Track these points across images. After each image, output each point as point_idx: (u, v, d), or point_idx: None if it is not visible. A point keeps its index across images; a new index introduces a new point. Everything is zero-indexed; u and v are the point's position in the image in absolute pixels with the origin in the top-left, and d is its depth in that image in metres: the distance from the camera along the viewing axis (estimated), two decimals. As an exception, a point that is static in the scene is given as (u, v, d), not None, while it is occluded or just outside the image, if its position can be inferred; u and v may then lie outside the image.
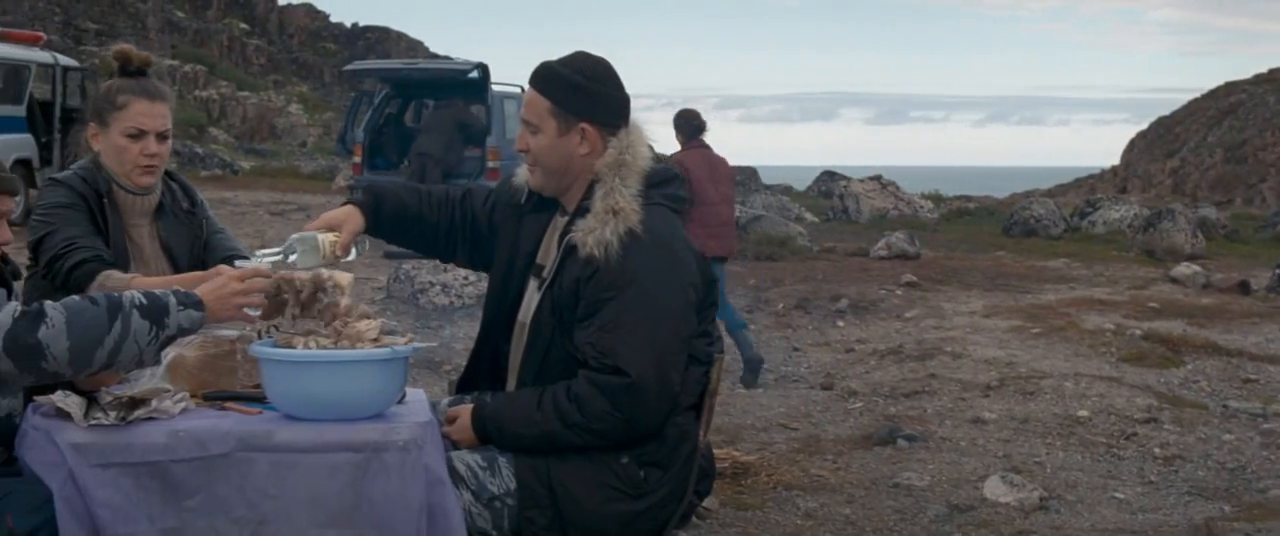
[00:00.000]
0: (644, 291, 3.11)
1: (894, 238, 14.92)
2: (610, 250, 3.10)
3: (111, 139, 3.76)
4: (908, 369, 8.47)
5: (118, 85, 3.77)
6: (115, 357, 2.90)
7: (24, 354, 2.80)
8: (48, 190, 3.76)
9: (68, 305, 2.85)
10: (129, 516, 2.88)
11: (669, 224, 3.24)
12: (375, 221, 3.51)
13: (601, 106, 3.26)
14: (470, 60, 17.60)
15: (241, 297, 3.07)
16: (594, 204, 3.18)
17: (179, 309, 2.97)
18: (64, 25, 49.22)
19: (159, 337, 2.95)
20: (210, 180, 25.41)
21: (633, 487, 3.18)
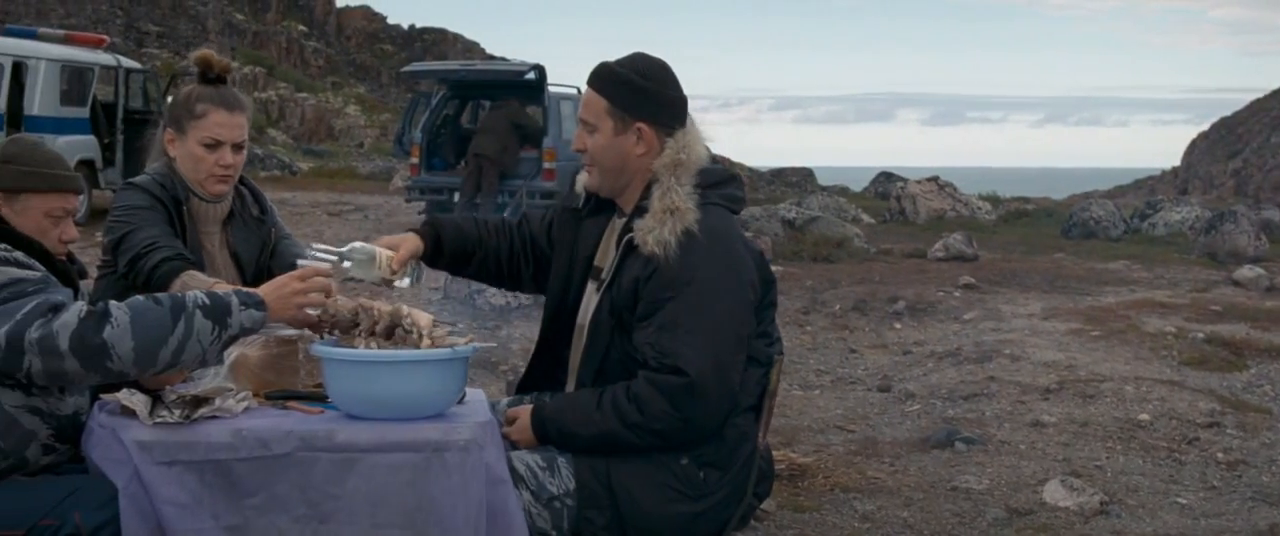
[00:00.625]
0: (703, 291, 3.12)
1: (951, 239, 14.82)
2: (669, 249, 3.11)
3: (188, 146, 3.80)
4: (966, 371, 8.41)
5: (197, 93, 3.80)
6: (179, 357, 2.93)
7: (90, 354, 2.83)
8: (124, 193, 3.79)
9: (132, 305, 2.89)
10: (193, 514, 2.91)
11: (726, 223, 3.25)
12: (434, 249, 3.55)
13: (658, 106, 3.27)
14: (527, 61, 17.66)
15: (301, 297, 3.10)
16: (651, 203, 3.18)
17: (241, 308, 3.00)
18: (126, 28, 49.82)
19: (221, 337, 2.98)
20: (269, 181, 25.62)
21: (692, 488, 3.18)
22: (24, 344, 2.82)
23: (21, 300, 2.88)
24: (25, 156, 3.15)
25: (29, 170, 3.13)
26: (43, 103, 16.25)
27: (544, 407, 3.28)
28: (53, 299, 2.89)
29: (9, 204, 3.11)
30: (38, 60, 16.39)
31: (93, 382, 3.00)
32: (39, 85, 16.26)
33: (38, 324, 2.83)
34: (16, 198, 3.12)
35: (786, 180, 29.36)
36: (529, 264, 3.66)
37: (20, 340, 2.82)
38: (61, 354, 2.83)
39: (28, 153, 3.17)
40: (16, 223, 3.11)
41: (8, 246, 3.01)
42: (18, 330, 2.82)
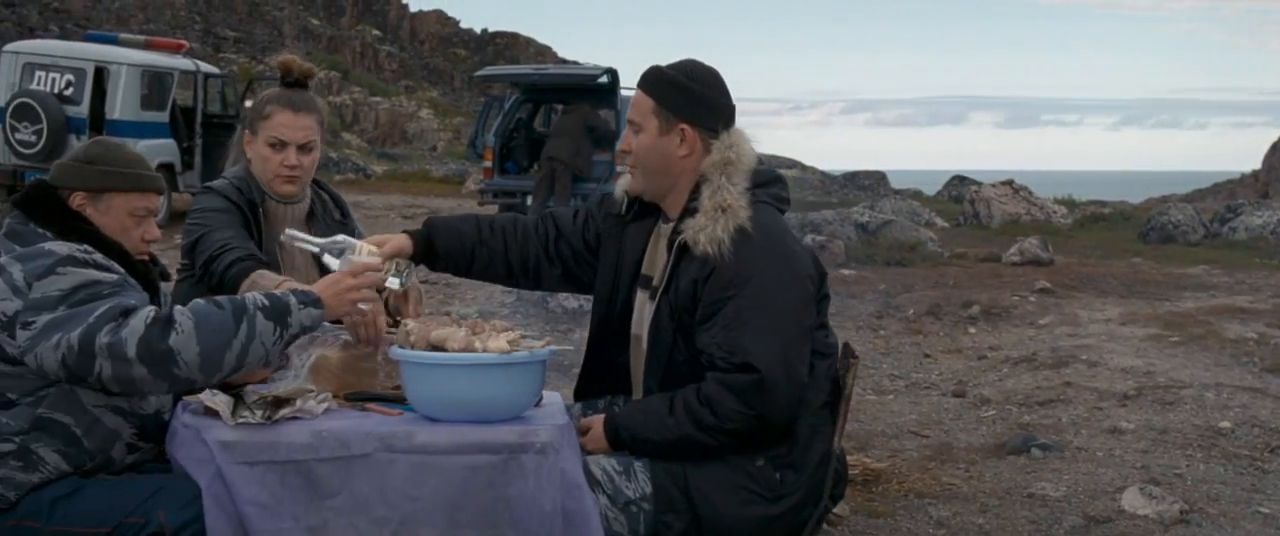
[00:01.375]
0: (762, 287, 3.12)
1: (1027, 243, 14.67)
2: (723, 248, 3.11)
3: (257, 147, 3.88)
4: (1042, 377, 8.32)
5: (269, 96, 3.88)
6: (243, 360, 2.97)
7: (157, 360, 2.87)
8: (202, 196, 3.86)
9: (195, 310, 2.92)
10: (274, 514, 2.95)
11: (776, 220, 3.26)
12: (428, 252, 3.55)
13: (703, 109, 3.28)
14: (599, 65, 17.71)
15: (355, 292, 3.15)
16: (702, 202, 3.19)
17: (300, 308, 3.04)
18: (204, 33, 50.53)
19: (283, 337, 3.02)
20: (344, 184, 25.86)
21: (769, 490, 3.18)
22: (95, 347, 2.87)
23: (96, 303, 2.93)
24: (108, 157, 3.21)
25: (112, 170, 3.18)
26: (124, 107, 16.53)
27: (616, 416, 3.29)
28: (125, 302, 2.93)
29: (93, 203, 3.17)
30: (119, 65, 16.68)
31: (160, 391, 3.05)
32: (120, 90, 16.54)
33: (107, 329, 2.87)
34: (100, 197, 3.17)
35: (859, 184, 29.21)
36: (555, 263, 3.64)
37: (91, 344, 2.87)
38: (130, 360, 2.87)
39: (111, 153, 3.22)
40: (100, 222, 3.17)
41: (87, 247, 3.06)
42: (89, 334, 2.87)
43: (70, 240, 3.09)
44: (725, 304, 3.12)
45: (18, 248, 3.05)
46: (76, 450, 3.05)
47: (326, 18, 59.45)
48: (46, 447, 3.02)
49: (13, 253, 3.03)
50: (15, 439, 3.00)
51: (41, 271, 2.96)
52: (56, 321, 2.90)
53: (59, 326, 2.89)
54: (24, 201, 3.18)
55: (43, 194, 3.19)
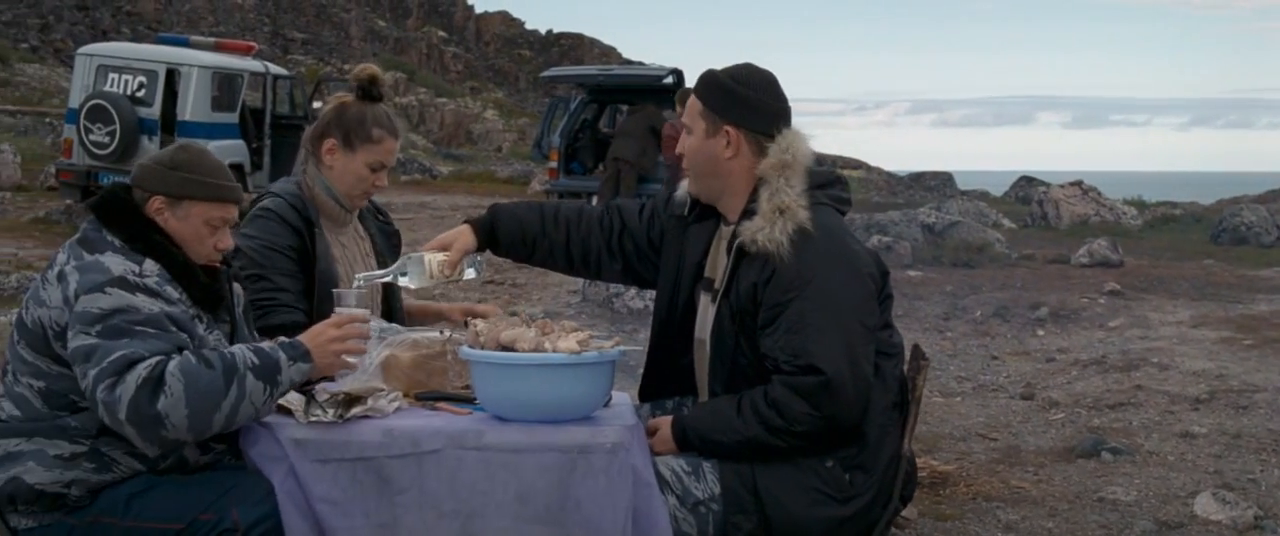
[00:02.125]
0: (824, 287, 3.10)
1: (1096, 244, 14.51)
2: (783, 249, 3.10)
3: (353, 165, 3.90)
4: (1112, 380, 8.24)
5: (375, 117, 3.90)
6: (232, 420, 2.98)
7: (145, 423, 2.89)
8: (258, 221, 3.83)
9: (185, 371, 2.91)
10: (345, 510, 2.98)
11: (836, 221, 3.25)
12: (490, 241, 3.58)
13: (749, 112, 3.28)
14: (664, 65, 17.72)
15: (339, 344, 3.11)
16: (760, 204, 3.19)
17: (289, 364, 3.03)
18: (272, 35, 51.06)
19: (273, 395, 3.02)
20: (410, 185, 26.05)
21: (839, 491, 3.17)
22: (96, 399, 2.91)
23: (117, 340, 2.93)
24: (191, 164, 3.22)
25: (193, 178, 3.20)
26: (195, 108, 16.73)
27: (684, 418, 3.29)
28: (135, 352, 2.92)
29: (171, 209, 3.19)
30: (190, 67, 16.88)
31: (149, 452, 3.03)
32: (191, 91, 16.74)
33: (105, 385, 2.89)
34: (179, 204, 3.19)
35: (925, 184, 28.97)
36: (615, 257, 3.65)
37: (94, 395, 2.91)
38: (120, 422, 2.89)
39: (195, 160, 3.23)
40: (174, 228, 3.19)
41: (145, 269, 3.07)
42: (95, 383, 2.91)
43: (135, 249, 3.11)
44: (787, 306, 3.12)
45: (85, 255, 3.08)
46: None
47: (393, 19, 59.89)
48: (117, 449, 3.06)
49: (78, 261, 3.07)
50: (87, 441, 3.05)
51: (90, 286, 2.99)
52: (84, 350, 2.94)
53: (85, 357, 2.93)
54: (99, 206, 3.21)
55: (118, 199, 3.21)
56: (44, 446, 3.04)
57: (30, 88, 36.30)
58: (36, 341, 3.06)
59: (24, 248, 14.06)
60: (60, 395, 3.05)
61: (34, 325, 3.06)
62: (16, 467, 3.04)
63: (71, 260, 3.07)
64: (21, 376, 3.09)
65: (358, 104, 3.93)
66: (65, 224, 16.20)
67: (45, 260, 12.45)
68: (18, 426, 3.07)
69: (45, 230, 16.00)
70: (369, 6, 59.47)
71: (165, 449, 3.02)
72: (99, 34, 41.60)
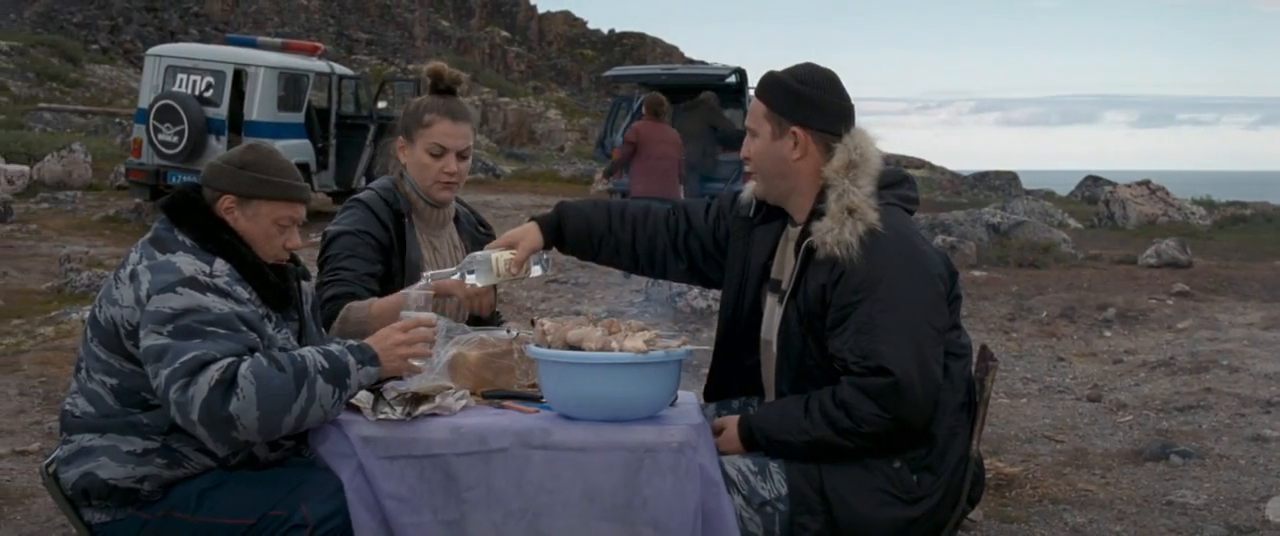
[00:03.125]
0: (893, 289, 3.09)
1: (1164, 245, 14.34)
2: (852, 251, 3.09)
3: (416, 154, 3.94)
4: (1180, 382, 8.14)
5: (426, 104, 3.94)
6: (302, 422, 3.00)
7: (217, 424, 2.92)
8: (346, 210, 3.93)
9: (257, 374, 2.93)
10: (413, 507, 3.00)
11: (905, 221, 3.23)
12: (557, 239, 3.60)
13: (815, 112, 3.27)
14: (727, 64, 17.68)
15: (406, 348, 3.13)
16: (828, 206, 3.17)
17: (358, 367, 3.05)
18: (337, 35, 51.48)
19: (342, 398, 3.04)
20: (474, 184, 26.16)
21: (906, 492, 3.15)
22: (169, 398, 2.94)
23: (189, 340, 2.96)
24: (261, 164, 3.26)
25: (263, 178, 3.23)
26: (261, 108, 16.90)
27: (751, 417, 3.28)
28: (207, 353, 2.95)
29: (240, 208, 3.23)
30: (257, 67, 17.05)
31: (219, 452, 3.08)
32: (258, 91, 16.91)
33: (178, 385, 2.92)
34: (249, 203, 3.23)
35: (990, 184, 28.75)
36: (681, 257, 3.65)
37: (166, 395, 2.94)
38: (192, 422, 2.92)
39: (264, 160, 3.27)
40: (244, 227, 3.23)
41: (215, 269, 3.11)
42: (167, 383, 2.94)
43: (206, 248, 3.15)
44: (856, 307, 3.10)
45: (157, 255, 3.12)
46: None
47: (456, 19, 60.22)
48: (188, 445, 3.10)
49: (150, 261, 3.11)
50: (157, 437, 3.09)
51: (162, 286, 3.03)
52: (155, 350, 2.97)
53: (155, 357, 2.97)
54: (170, 206, 3.25)
55: (188, 199, 3.25)
56: (117, 442, 3.08)
57: (100, 88, 36.83)
58: (109, 339, 3.10)
59: (95, 246, 14.27)
60: (132, 392, 3.09)
61: (107, 323, 3.10)
62: (90, 463, 3.08)
63: (143, 259, 3.11)
64: (95, 373, 3.13)
65: (418, 99, 3.99)
66: (135, 223, 16.42)
67: (115, 258, 12.65)
68: (91, 422, 3.12)
69: (115, 229, 16.22)
70: (433, 7, 59.82)
71: (235, 449, 3.06)
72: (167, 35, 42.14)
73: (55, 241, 14.61)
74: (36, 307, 10.22)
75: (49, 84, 35.17)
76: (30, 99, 32.35)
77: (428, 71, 3.99)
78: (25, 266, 12.62)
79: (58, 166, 20.82)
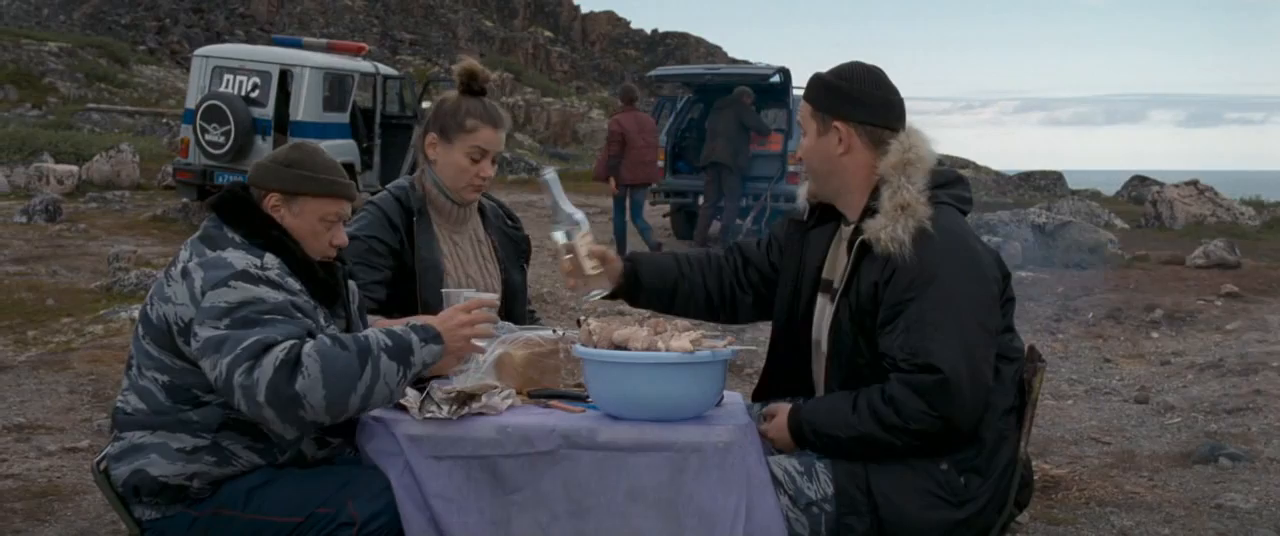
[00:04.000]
0: (946, 288, 3.07)
1: (1212, 245, 14.21)
2: (905, 248, 3.08)
3: (452, 156, 3.95)
4: (1229, 384, 8.07)
5: (468, 107, 3.95)
6: (368, 401, 3.00)
7: (284, 404, 2.92)
8: (360, 215, 3.94)
9: (322, 353, 2.95)
10: (460, 507, 3.02)
11: (959, 221, 3.21)
12: (631, 285, 3.59)
13: (856, 106, 3.27)
14: (770, 64, 17.64)
15: (468, 328, 3.14)
16: (882, 203, 3.17)
17: (422, 345, 3.06)
18: (381, 35, 51.72)
19: (407, 376, 3.05)
20: (516, 184, 26.22)
21: (953, 494, 3.14)
22: (233, 385, 2.95)
23: (249, 330, 2.98)
24: (306, 161, 3.29)
25: (309, 175, 3.27)
26: (307, 108, 16.99)
27: (801, 408, 3.28)
28: (269, 337, 2.97)
29: (287, 205, 3.26)
30: (303, 68, 17.15)
31: (287, 434, 3.09)
32: (303, 91, 17.01)
33: (243, 368, 2.93)
34: (295, 200, 3.26)
35: (1035, 184, 28.54)
36: (747, 291, 3.66)
37: (230, 381, 2.95)
38: (259, 404, 2.93)
39: (308, 158, 3.31)
40: (291, 225, 3.26)
41: (266, 262, 3.14)
42: (230, 370, 2.95)
43: (256, 243, 3.18)
44: (907, 306, 3.09)
45: (207, 252, 3.15)
46: (267, 446, 3.15)
47: (500, 20, 60.37)
48: (237, 443, 3.12)
49: (201, 257, 3.14)
50: (207, 435, 3.11)
51: (216, 282, 3.05)
52: (214, 341, 2.99)
53: (215, 348, 2.98)
54: (219, 204, 3.28)
55: (237, 197, 3.29)
56: (167, 439, 3.11)
57: (148, 89, 37.16)
58: (161, 337, 3.13)
59: (143, 245, 14.39)
60: (183, 389, 3.12)
61: (159, 321, 3.13)
62: (140, 459, 3.11)
63: (194, 257, 3.14)
64: (146, 370, 3.16)
65: (456, 98, 3.98)
66: (182, 222, 16.55)
67: (163, 257, 12.77)
68: (142, 419, 3.14)
69: (163, 228, 16.36)
70: (476, 7, 60.01)
71: (303, 431, 3.07)
72: (213, 36, 42.46)
73: (104, 241, 14.75)
74: (86, 306, 10.32)
75: (97, 85, 35.51)
76: (79, 99, 32.69)
77: (461, 71, 4.00)
78: (75, 265, 12.75)
79: (106, 166, 21.02)
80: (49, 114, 29.69)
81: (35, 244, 14.13)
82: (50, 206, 16.47)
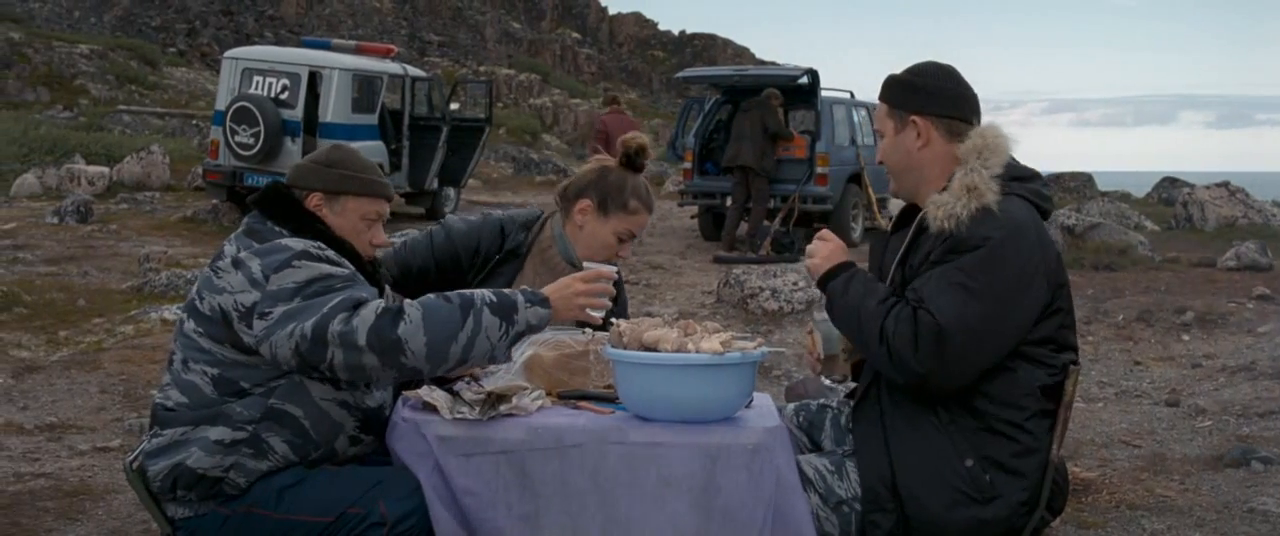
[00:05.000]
0: (986, 258, 3.03)
1: (1244, 248, 14.11)
2: (960, 221, 3.06)
3: (603, 231, 3.93)
4: (1262, 387, 8.01)
5: (635, 188, 3.95)
6: (469, 353, 3.03)
7: (386, 348, 2.95)
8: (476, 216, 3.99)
9: (424, 303, 3.01)
10: (489, 503, 3.03)
11: (1027, 213, 3.17)
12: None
13: (932, 99, 3.27)
14: (798, 66, 17.61)
15: (586, 298, 3.19)
16: (952, 183, 3.16)
17: (527, 306, 3.09)
18: (410, 37, 51.82)
19: (509, 334, 3.07)
20: (544, 185, 26.25)
21: (979, 492, 3.12)
22: (327, 336, 2.96)
23: (329, 295, 3.04)
24: (347, 162, 3.35)
25: (350, 175, 3.32)
26: (336, 110, 17.05)
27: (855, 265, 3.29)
28: (357, 295, 3.04)
29: (328, 205, 3.31)
30: (331, 70, 17.20)
31: (389, 380, 3.14)
32: (332, 93, 17.06)
33: (340, 318, 2.97)
34: (336, 199, 3.31)
35: (1064, 185, 28.38)
36: None
37: (324, 333, 2.96)
38: (360, 348, 2.95)
39: (348, 158, 3.37)
40: (333, 223, 3.31)
41: (321, 244, 3.18)
42: (322, 323, 2.97)
43: (304, 237, 3.21)
44: (944, 263, 3.07)
45: (255, 244, 3.18)
46: (303, 441, 3.17)
47: (527, 21, 60.43)
48: (276, 437, 3.14)
49: (251, 248, 3.16)
50: (248, 427, 3.13)
51: (279, 265, 3.08)
52: (292, 312, 3.02)
53: (294, 316, 3.01)
54: (262, 201, 3.32)
55: (280, 194, 3.32)
56: (207, 432, 3.12)
57: (178, 91, 37.33)
58: (215, 329, 3.14)
59: (173, 246, 14.47)
60: (230, 381, 3.14)
61: (212, 312, 3.14)
62: (181, 453, 3.13)
63: (242, 249, 3.17)
64: (194, 364, 3.17)
65: (620, 171, 3.96)
66: (212, 223, 16.63)
67: (194, 258, 12.83)
68: (184, 414, 3.16)
69: (193, 229, 16.43)
70: (504, 9, 60.09)
71: (405, 376, 3.06)
72: (243, 38, 42.62)
73: (134, 241, 14.83)
74: (117, 306, 10.39)
75: (128, 86, 35.68)
76: (110, 101, 32.86)
77: (632, 146, 3.98)
78: (106, 266, 12.82)
79: (137, 168, 21.12)
80: (80, 116, 29.84)
81: (66, 245, 14.22)
82: (81, 207, 16.57)
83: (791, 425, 3.52)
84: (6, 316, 9.81)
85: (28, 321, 9.73)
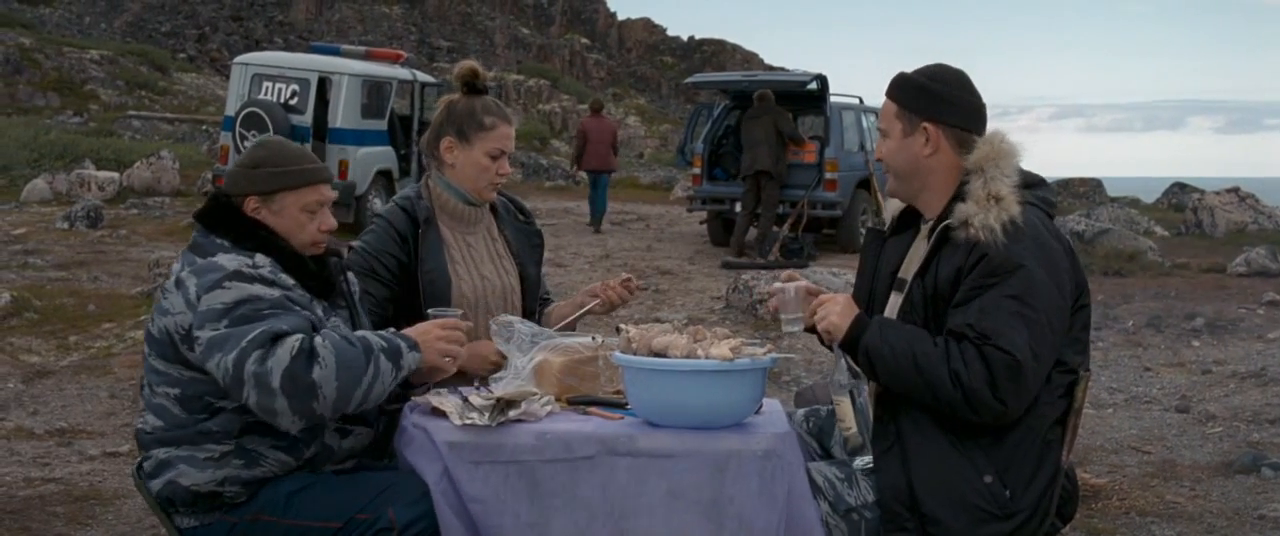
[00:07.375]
0: (1029, 280, 3.02)
1: (1254, 253, 14.10)
2: (996, 236, 3.04)
3: (473, 156, 3.92)
4: (1272, 393, 8.00)
5: (482, 105, 3.93)
6: (367, 398, 3.02)
7: (299, 392, 2.93)
8: (369, 230, 3.92)
9: (335, 345, 2.97)
10: (498, 511, 3.02)
11: (1045, 222, 3.18)
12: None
13: (945, 107, 3.24)
14: (807, 71, 17.60)
15: (443, 343, 3.17)
16: (973, 190, 3.13)
17: (408, 351, 3.09)
18: (419, 43, 51.93)
19: (397, 378, 3.07)
20: (553, 191, 26.28)
21: (1000, 508, 3.09)
22: (243, 375, 2.94)
23: (252, 324, 2.99)
24: (274, 158, 3.29)
25: (278, 171, 3.27)
26: (345, 115, 17.06)
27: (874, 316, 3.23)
28: (277, 327, 2.98)
29: (266, 205, 3.26)
30: (341, 75, 17.21)
31: (291, 427, 3.04)
32: (342, 99, 17.07)
33: (255, 356, 2.93)
34: (272, 199, 3.26)
35: (1073, 191, 28.37)
36: None
37: (241, 371, 2.94)
38: (273, 391, 2.92)
39: (274, 154, 3.30)
40: (275, 223, 3.26)
41: (256, 262, 3.14)
42: (240, 360, 2.94)
43: (244, 247, 3.19)
44: (987, 290, 3.04)
45: (197, 260, 3.17)
46: (290, 443, 3.16)
47: (536, 27, 60.52)
48: (262, 444, 3.13)
49: (192, 266, 3.15)
50: (231, 441, 3.12)
51: (210, 285, 3.07)
52: (216, 340, 2.99)
53: (219, 346, 2.99)
54: (202, 214, 3.30)
55: (220, 204, 3.29)
56: (192, 452, 3.12)
57: (188, 96, 37.43)
58: (166, 350, 3.14)
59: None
60: (196, 399, 3.12)
61: (161, 334, 3.14)
62: (171, 473, 3.13)
63: (185, 267, 3.17)
64: (158, 387, 3.17)
65: (464, 99, 3.97)
66: (221, 228, 16.63)
67: (203, 263, 12.84)
68: (163, 435, 3.16)
69: (203, 234, 16.44)
70: (513, 14, 60.19)
71: (309, 422, 3.03)
72: (252, 44, 42.73)
73: (144, 246, 14.86)
74: (127, 311, 10.41)
75: (138, 92, 35.78)
76: (120, 107, 32.95)
77: (463, 72, 3.97)
78: (115, 271, 12.85)
79: (147, 173, 21.18)
80: (90, 121, 29.94)
81: (77, 250, 14.25)
82: (91, 213, 16.60)
83: (801, 431, 3.50)
84: (17, 321, 9.83)
85: (38, 326, 9.76)
